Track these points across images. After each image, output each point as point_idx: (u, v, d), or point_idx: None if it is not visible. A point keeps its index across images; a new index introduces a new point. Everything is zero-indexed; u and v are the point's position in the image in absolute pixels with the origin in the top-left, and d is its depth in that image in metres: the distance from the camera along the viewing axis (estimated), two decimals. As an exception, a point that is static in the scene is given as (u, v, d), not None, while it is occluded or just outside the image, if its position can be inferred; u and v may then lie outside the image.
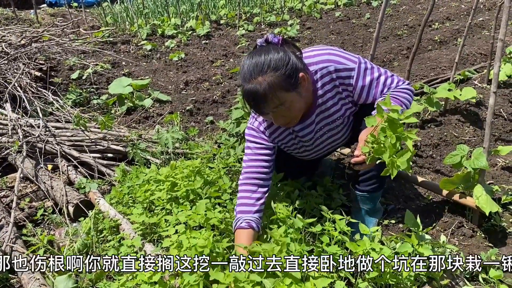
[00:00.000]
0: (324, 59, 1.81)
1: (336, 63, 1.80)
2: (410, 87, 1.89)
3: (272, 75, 1.66)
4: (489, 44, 3.69)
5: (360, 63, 1.82)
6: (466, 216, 2.13)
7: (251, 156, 1.93)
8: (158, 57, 5.63)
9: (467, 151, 2.09)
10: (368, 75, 1.82)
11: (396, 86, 1.86)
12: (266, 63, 1.67)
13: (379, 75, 1.84)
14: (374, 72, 1.83)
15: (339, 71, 1.81)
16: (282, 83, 1.67)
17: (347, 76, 1.82)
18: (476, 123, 3.17)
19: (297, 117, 1.81)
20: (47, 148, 2.88)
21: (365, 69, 1.82)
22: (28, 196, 2.64)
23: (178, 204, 2.10)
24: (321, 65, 1.81)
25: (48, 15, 8.28)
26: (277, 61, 1.67)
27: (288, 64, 1.68)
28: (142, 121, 3.65)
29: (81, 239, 2.06)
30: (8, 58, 3.93)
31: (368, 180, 2.02)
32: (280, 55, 1.68)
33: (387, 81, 1.85)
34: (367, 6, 8.17)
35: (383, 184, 2.07)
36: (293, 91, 1.70)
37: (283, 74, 1.67)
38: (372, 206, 2.09)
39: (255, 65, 1.68)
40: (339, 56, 1.82)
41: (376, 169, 1.90)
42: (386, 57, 5.21)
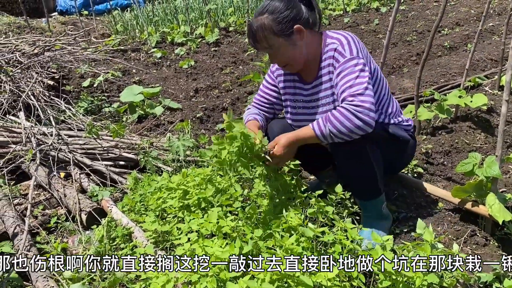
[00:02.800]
0: (337, 38, 1.96)
1: (341, 45, 1.93)
2: (356, 113, 1.77)
3: (266, 17, 1.90)
4: (500, 50, 3.67)
5: (356, 59, 1.88)
6: (479, 225, 2.12)
7: (261, 89, 2.30)
8: (168, 65, 5.67)
9: (479, 159, 2.08)
10: (351, 72, 1.86)
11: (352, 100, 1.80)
12: (267, 6, 1.91)
13: (356, 77, 1.85)
14: (359, 76, 1.85)
15: (338, 52, 1.93)
16: (273, 27, 1.89)
17: (337, 60, 1.93)
18: (488, 130, 3.16)
19: (291, 64, 2.02)
20: (59, 156, 2.91)
21: (354, 64, 1.87)
22: (42, 203, 2.68)
23: (190, 212, 2.11)
24: (333, 40, 1.96)
25: (59, 23, 8.39)
26: (276, 7, 1.90)
27: (284, 13, 1.89)
28: (153, 128, 3.68)
29: (94, 246, 2.08)
30: (21, 67, 3.99)
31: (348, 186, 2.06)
32: (282, 3, 1.90)
33: (352, 88, 1.83)
34: (376, 12, 8.17)
35: (363, 193, 2.07)
36: (283, 37, 1.91)
37: (275, 19, 1.89)
38: (370, 214, 2.09)
39: (262, 6, 1.95)
40: (348, 43, 1.93)
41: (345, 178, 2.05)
42: (396, 63, 5.20)
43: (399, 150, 2.17)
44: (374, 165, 1.95)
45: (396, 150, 2.12)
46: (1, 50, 4.40)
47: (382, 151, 1.99)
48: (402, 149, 2.19)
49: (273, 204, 2.01)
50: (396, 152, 2.14)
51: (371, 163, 1.94)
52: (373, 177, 1.98)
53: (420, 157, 2.81)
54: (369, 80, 1.86)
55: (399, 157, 2.24)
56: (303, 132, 1.90)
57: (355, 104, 1.78)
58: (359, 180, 2.02)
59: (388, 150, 2.03)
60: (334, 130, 1.79)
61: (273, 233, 1.80)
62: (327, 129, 1.80)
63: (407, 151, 2.22)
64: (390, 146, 2.05)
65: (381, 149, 1.98)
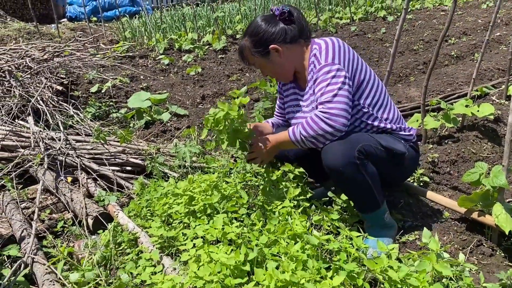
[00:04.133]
0: (318, 43, 2.04)
1: (319, 51, 2.00)
2: (326, 115, 1.88)
3: (247, 39, 2.12)
4: (507, 60, 3.67)
5: (329, 66, 1.94)
6: (485, 235, 2.11)
7: (277, 99, 2.48)
8: (175, 71, 5.72)
9: (485, 168, 2.07)
10: (323, 80, 1.94)
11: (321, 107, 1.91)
12: (249, 28, 2.11)
13: (327, 85, 1.92)
14: (330, 83, 1.92)
15: (316, 57, 2.01)
16: (251, 48, 2.11)
17: (315, 65, 2.01)
18: (494, 139, 3.15)
19: (277, 78, 2.26)
20: (67, 161, 2.94)
21: (327, 71, 1.94)
22: (49, 207, 2.70)
23: (195, 218, 2.12)
24: (315, 46, 2.05)
25: (68, 29, 8.48)
26: (255, 30, 2.08)
27: (259, 35, 2.06)
28: (160, 134, 3.70)
29: (100, 251, 2.09)
30: (31, 72, 4.04)
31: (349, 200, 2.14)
32: (259, 25, 2.07)
33: (323, 96, 1.92)
34: (382, 20, 8.19)
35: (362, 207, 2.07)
36: (260, 57, 2.11)
37: (252, 41, 2.09)
38: (372, 224, 2.09)
39: (248, 26, 2.14)
40: (327, 48, 1.99)
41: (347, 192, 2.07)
42: (402, 72, 5.21)
43: (396, 163, 2.12)
44: (370, 182, 1.94)
45: (392, 163, 2.09)
46: (12, 55, 4.46)
47: (377, 165, 1.98)
48: (399, 162, 2.13)
49: (278, 211, 2.02)
50: (393, 165, 2.10)
51: (365, 179, 1.93)
52: (369, 191, 1.97)
53: (426, 166, 2.81)
54: (341, 86, 1.91)
55: (397, 170, 2.18)
56: (281, 136, 2.06)
57: (323, 111, 1.90)
58: (355, 195, 2.03)
59: (384, 163, 2.01)
60: (305, 134, 1.93)
61: (278, 240, 1.80)
62: (298, 134, 1.96)
63: (405, 163, 2.16)
64: (385, 159, 2.02)
65: (376, 163, 1.97)
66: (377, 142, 2.02)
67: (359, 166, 1.90)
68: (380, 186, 2.01)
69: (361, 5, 9.11)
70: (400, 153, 2.09)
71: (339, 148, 1.91)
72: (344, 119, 1.89)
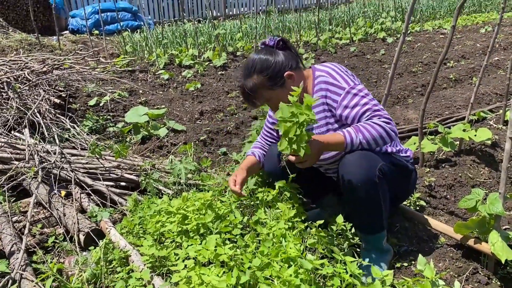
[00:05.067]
0: (326, 70, 2.06)
1: (333, 78, 2.02)
2: (383, 124, 1.90)
3: (257, 77, 2.03)
4: (505, 85, 3.68)
5: (352, 88, 1.97)
6: (481, 262, 2.08)
7: (266, 124, 2.43)
8: (174, 87, 5.73)
9: (482, 195, 2.06)
10: (354, 99, 1.96)
11: (371, 118, 1.93)
12: (253, 66, 2.03)
13: (364, 104, 1.95)
14: (362, 100, 1.95)
15: (332, 84, 2.01)
16: (266, 83, 2.02)
17: (335, 92, 2.00)
18: (492, 164, 3.14)
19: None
20: (61, 175, 2.91)
21: (354, 94, 1.96)
22: (40, 222, 2.66)
23: (188, 237, 2.09)
24: (322, 73, 2.05)
25: (69, 42, 8.53)
26: (262, 64, 2.01)
27: (271, 68, 2.00)
28: (156, 150, 3.68)
29: (90, 268, 2.06)
30: (29, 84, 4.03)
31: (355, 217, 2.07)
32: (266, 58, 2.01)
33: (367, 113, 1.94)
34: (382, 42, 8.26)
35: (366, 227, 2.05)
36: (278, 88, 2.03)
37: (266, 76, 2.01)
38: (370, 247, 2.07)
39: (246, 67, 2.06)
40: (339, 74, 2.03)
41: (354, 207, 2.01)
42: (401, 94, 5.23)
43: (402, 181, 2.16)
44: (382, 203, 1.94)
45: (399, 180, 2.11)
46: (11, 67, 4.46)
47: (388, 184, 1.98)
48: (405, 180, 2.18)
49: (272, 233, 1.99)
50: (399, 183, 2.12)
51: (379, 200, 1.93)
52: (378, 212, 1.97)
53: (423, 190, 2.79)
54: (372, 97, 1.99)
55: (403, 188, 2.22)
56: (333, 139, 1.92)
57: (380, 118, 1.91)
58: (364, 214, 2.00)
59: (393, 183, 2.02)
60: (364, 140, 1.88)
61: (271, 263, 1.77)
62: (358, 139, 1.89)
63: (410, 181, 2.21)
64: (395, 178, 2.04)
65: (388, 183, 1.97)
66: (390, 161, 2.04)
67: (378, 185, 1.90)
68: (388, 209, 2.01)
69: (361, 26, 9.20)
70: (410, 169, 2.15)
71: (361, 164, 1.90)
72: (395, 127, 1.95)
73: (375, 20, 9.74)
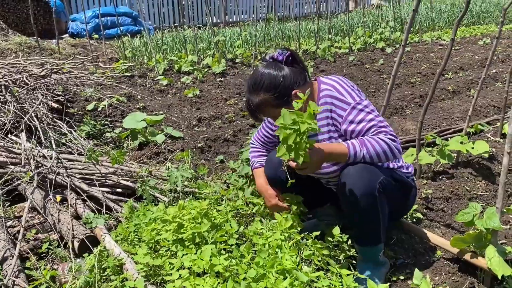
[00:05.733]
0: (332, 84, 2.05)
1: (338, 92, 2.01)
2: (389, 141, 1.91)
3: (263, 95, 2.00)
4: (503, 98, 3.69)
5: (358, 104, 1.97)
6: (477, 277, 2.07)
7: (263, 126, 2.42)
8: (173, 93, 5.72)
9: (479, 209, 2.05)
10: (360, 115, 1.95)
11: (377, 134, 1.94)
12: (260, 83, 1.99)
13: (370, 120, 1.95)
14: (368, 116, 1.96)
15: (337, 99, 2.01)
16: (272, 102, 1.99)
17: (341, 107, 2.00)
18: (489, 177, 3.14)
19: None
20: (57, 180, 2.89)
21: (360, 109, 1.96)
22: (35, 227, 2.64)
23: (183, 246, 2.08)
24: (328, 87, 2.05)
25: (69, 45, 8.52)
26: (270, 83, 1.97)
27: (279, 86, 1.96)
28: (153, 157, 3.67)
29: (84, 276, 2.03)
30: (27, 88, 4.02)
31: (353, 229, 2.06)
32: (274, 76, 1.97)
33: (372, 129, 1.94)
34: (381, 52, 8.29)
35: (363, 239, 2.04)
36: (283, 106, 1.93)
37: (273, 95, 1.98)
38: (366, 259, 2.06)
39: (253, 82, 2.02)
40: (345, 88, 2.03)
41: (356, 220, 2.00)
42: (399, 104, 5.23)
43: (402, 196, 2.15)
44: (380, 216, 1.94)
45: (400, 196, 2.11)
46: (10, 70, 4.45)
47: (388, 198, 1.97)
48: (405, 195, 2.18)
49: (268, 243, 1.98)
50: (399, 200, 2.13)
51: (378, 213, 1.93)
52: (376, 225, 1.96)
53: (419, 202, 2.78)
54: (378, 113, 2.00)
55: (402, 203, 2.22)
56: (336, 149, 1.93)
57: (386, 135, 1.92)
58: (362, 226, 2.00)
59: (392, 198, 2.01)
60: (368, 155, 1.89)
61: (266, 274, 1.76)
62: (362, 153, 1.89)
63: (409, 198, 2.21)
64: (395, 194, 2.04)
65: (388, 197, 1.96)
66: (391, 176, 2.03)
67: (377, 199, 1.90)
68: (386, 223, 2.01)
69: (360, 36, 9.24)
70: (410, 186, 2.15)
71: (362, 177, 1.89)
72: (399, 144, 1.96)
73: (374, 30, 9.77)
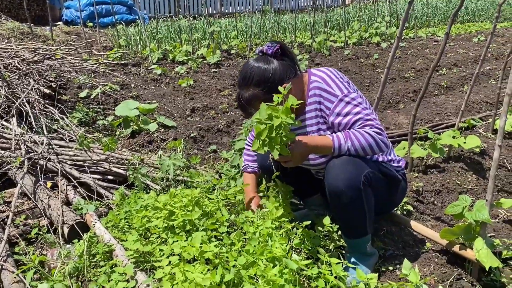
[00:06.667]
0: (321, 76, 2.04)
1: (327, 84, 2.01)
2: (374, 135, 1.90)
3: (253, 90, 2.00)
4: (495, 94, 3.71)
5: (346, 96, 1.97)
6: (465, 268, 2.09)
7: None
8: (167, 82, 5.69)
9: (469, 202, 2.07)
10: (347, 107, 1.96)
11: (363, 127, 1.93)
12: (250, 77, 2.00)
13: (357, 113, 1.95)
14: (355, 108, 1.95)
15: (325, 91, 2.00)
16: (262, 96, 1.97)
17: (329, 99, 2.00)
18: (479, 172, 3.16)
19: None
20: (48, 166, 2.87)
21: (347, 102, 1.97)
22: (24, 213, 2.62)
23: (174, 233, 2.07)
24: (317, 78, 2.03)
25: (63, 33, 8.43)
26: (260, 77, 1.98)
27: (269, 80, 1.96)
28: (146, 145, 3.65)
29: (73, 262, 2.03)
30: (19, 73, 3.98)
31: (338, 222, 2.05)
32: (264, 70, 1.98)
33: (358, 122, 1.94)
34: (376, 46, 8.30)
35: (350, 232, 2.05)
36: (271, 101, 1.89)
37: (263, 89, 1.97)
38: (354, 250, 2.07)
39: (243, 77, 2.03)
40: (333, 80, 2.02)
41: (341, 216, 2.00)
42: (392, 99, 5.25)
43: (390, 191, 2.14)
44: (366, 209, 1.93)
45: (387, 191, 2.11)
46: (1, 54, 4.40)
47: (375, 192, 1.97)
48: (393, 191, 2.16)
49: (259, 232, 1.98)
50: (387, 194, 2.12)
51: (363, 206, 1.92)
52: (362, 217, 1.95)
53: (410, 195, 2.80)
54: (365, 106, 2.00)
55: (389, 199, 2.21)
56: (321, 142, 1.93)
57: (372, 128, 1.91)
58: (347, 218, 1.99)
59: (380, 192, 2.01)
60: (352, 148, 1.89)
61: (256, 261, 1.76)
62: (346, 146, 1.90)
63: (398, 192, 2.20)
64: (383, 187, 2.03)
65: (374, 191, 1.96)
66: (378, 169, 2.03)
67: (362, 191, 1.89)
68: (373, 215, 2.01)
69: (355, 30, 9.24)
70: (397, 180, 2.13)
71: (346, 170, 1.88)
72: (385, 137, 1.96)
73: (370, 24, 9.77)
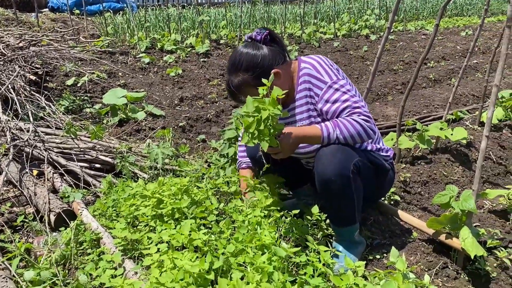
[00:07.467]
0: (311, 62, 2.03)
1: (316, 71, 2.01)
2: (362, 122, 1.91)
3: (242, 75, 2.00)
4: (482, 87, 3.75)
5: (335, 83, 1.97)
6: (451, 257, 2.12)
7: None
8: (155, 71, 5.64)
9: (456, 192, 2.09)
10: (335, 94, 1.96)
11: (350, 115, 1.94)
12: (239, 63, 1.99)
13: (345, 100, 1.95)
14: (343, 96, 1.96)
15: (315, 77, 2.00)
16: (252, 82, 1.97)
17: (318, 86, 2.00)
18: (466, 163, 3.20)
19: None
20: (34, 153, 2.83)
21: (336, 89, 1.97)
22: (10, 200, 2.59)
23: (162, 222, 2.07)
24: (307, 65, 2.03)
25: (49, 20, 8.28)
26: (249, 62, 1.97)
27: (258, 66, 1.96)
28: (134, 133, 3.62)
29: (60, 249, 2.01)
30: (4, 59, 3.90)
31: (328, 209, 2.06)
32: (253, 56, 1.97)
33: (346, 109, 1.94)
34: (365, 39, 8.31)
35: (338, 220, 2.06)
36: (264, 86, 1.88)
37: (252, 75, 1.97)
38: (342, 238, 2.08)
39: (232, 62, 2.02)
40: (323, 67, 2.02)
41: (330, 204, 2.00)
42: (381, 91, 5.27)
43: (378, 180, 2.16)
44: (355, 197, 1.94)
45: (376, 180, 2.12)
46: (-15, 40, 4.30)
47: (364, 181, 1.98)
48: (381, 180, 2.18)
49: (248, 220, 1.98)
50: (376, 183, 2.14)
51: (352, 194, 1.93)
52: (351, 206, 1.97)
53: (398, 185, 2.82)
54: (354, 93, 2.00)
55: (376, 188, 2.22)
56: (309, 132, 1.93)
57: (360, 116, 1.91)
58: (336, 207, 2.00)
59: (369, 180, 2.02)
60: (341, 136, 1.90)
61: (245, 249, 1.76)
62: (335, 134, 1.90)
63: (386, 181, 2.22)
64: (372, 176, 2.05)
65: (363, 179, 1.98)
66: (367, 158, 2.03)
67: (351, 180, 1.89)
68: (361, 203, 2.02)
69: (345, 22, 9.24)
70: (386, 169, 2.14)
71: (336, 158, 1.88)
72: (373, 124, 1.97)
73: (359, 17, 9.78)
